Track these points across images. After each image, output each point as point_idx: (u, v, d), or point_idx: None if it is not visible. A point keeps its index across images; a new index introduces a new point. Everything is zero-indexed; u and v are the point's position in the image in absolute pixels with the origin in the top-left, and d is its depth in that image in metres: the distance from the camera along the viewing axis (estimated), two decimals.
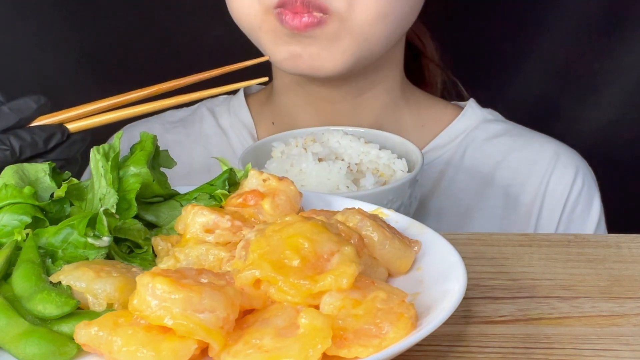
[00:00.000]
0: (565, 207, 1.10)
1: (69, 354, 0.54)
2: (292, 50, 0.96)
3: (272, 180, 0.70)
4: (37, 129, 0.81)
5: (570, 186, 1.10)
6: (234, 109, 1.15)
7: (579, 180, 1.10)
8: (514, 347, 0.59)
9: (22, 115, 0.81)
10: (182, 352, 0.51)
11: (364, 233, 0.63)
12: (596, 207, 1.11)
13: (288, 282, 0.54)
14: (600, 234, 1.11)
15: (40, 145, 0.80)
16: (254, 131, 1.13)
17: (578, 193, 1.10)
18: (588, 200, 1.11)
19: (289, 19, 0.93)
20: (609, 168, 1.26)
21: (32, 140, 0.80)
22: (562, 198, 1.09)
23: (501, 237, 0.77)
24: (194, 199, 0.72)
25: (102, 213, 0.63)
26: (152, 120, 1.16)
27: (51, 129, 0.81)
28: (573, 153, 1.11)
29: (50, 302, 0.56)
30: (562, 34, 1.27)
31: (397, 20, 0.99)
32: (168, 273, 0.53)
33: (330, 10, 0.93)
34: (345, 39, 0.96)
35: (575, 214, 1.10)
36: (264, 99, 1.15)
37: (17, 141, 0.79)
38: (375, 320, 0.53)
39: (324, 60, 0.96)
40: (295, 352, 0.50)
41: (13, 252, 0.62)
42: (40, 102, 0.81)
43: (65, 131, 0.82)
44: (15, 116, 0.80)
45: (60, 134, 0.81)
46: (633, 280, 0.69)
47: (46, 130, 0.81)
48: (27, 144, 0.79)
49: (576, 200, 1.10)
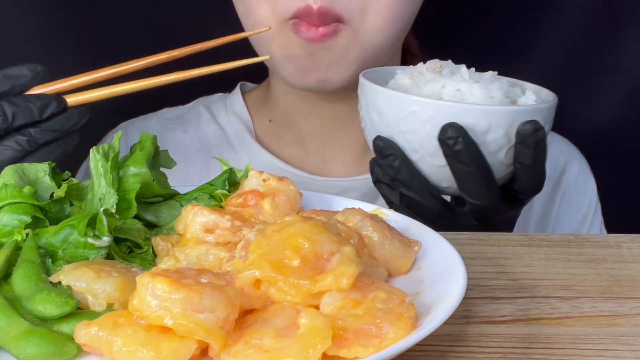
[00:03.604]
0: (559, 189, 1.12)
1: (69, 354, 0.54)
2: (301, 65, 0.97)
3: (272, 180, 0.70)
4: (32, 97, 0.79)
5: (562, 168, 1.12)
6: (231, 106, 1.15)
7: (575, 165, 1.12)
8: (514, 347, 0.59)
9: (15, 82, 0.79)
10: (182, 352, 0.51)
11: (364, 233, 0.63)
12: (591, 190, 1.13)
13: (288, 282, 0.54)
14: (600, 234, 1.12)
15: (35, 112, 0.79)
16: (252, 127, 1.13)
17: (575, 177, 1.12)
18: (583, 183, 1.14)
19: (305, 29, 0.94)
20: (609, 168, 1.26)
21: (26, 107, 0.78)
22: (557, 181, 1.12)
23: (501, 237, 0.77)
24: (194, 199, 0.72)
25: (102, 213, 0.63)
26: (149, 118, 1.17)
27: (47, 97, 0.79)
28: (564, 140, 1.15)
29: (50, 302, 0.56)
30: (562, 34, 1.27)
31: (403, 23, 1.00)
32: (168, 273, 0.53)
33: (345, 19, 0.94)
34: (355, 50, 0.97)
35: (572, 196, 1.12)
36: (260, 96, 1.16)
37: (10, 107, 0.78)
38: (375, 320, 0.53)
39: (333, 73, 0.97)
40: (295, 352, 0.50)
41: (13, 252, 0.62)
42: (35, 70, 0.80)
43: (62, 102, 0.80)
44: (7, 83, 0.79)
45: (56, 103, 0.80)
46: (633, 280, 0.69)
47: (42, 99, 0.79)
48: (21, 110, 0.78)
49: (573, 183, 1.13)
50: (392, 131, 0.82)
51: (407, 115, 0.80)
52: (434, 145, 0.80)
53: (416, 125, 0.80)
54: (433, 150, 0.80)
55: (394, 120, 0.81)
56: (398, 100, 0.80)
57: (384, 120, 0.82)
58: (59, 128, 0.81)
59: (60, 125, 0.81)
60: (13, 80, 0.79)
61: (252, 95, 1.17)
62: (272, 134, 1.13)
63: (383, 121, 0.82)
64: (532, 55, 1.27)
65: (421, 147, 0.81)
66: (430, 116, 0.79)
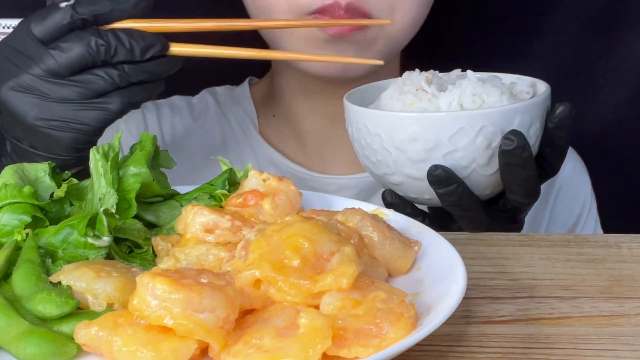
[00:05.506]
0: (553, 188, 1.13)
1: (69, 354, 0.54)
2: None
3: (272, 180, 0.70)
4: (138, 35, 0.77)
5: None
6: (237, 98, 1.17)
7: (569, 164, 1.14)
8: (514, 347, 0.59)
9: (117, 6, 0.77)
10: (182, 352, 0.51)
11: (364, 233, 0.63)
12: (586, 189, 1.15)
13: (288, 282, 0.54)
14: (600, 234, 1.12)
15: (136, 53, 0.77)
16: (256, 121, 1.15)
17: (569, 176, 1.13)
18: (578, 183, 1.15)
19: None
20: (608, 167, 1.26)
21: (130, 46, 0.77)
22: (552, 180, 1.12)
23: (501, 237, 0.77)
24: (194, 199, 0.72)
25: (102, 213, 0.63)
26: (160, 104, 1.17)
27: (152, 39, 0.78)
28: None
29: (50, 302, 0.56)
30: (562, 34, 1.27)
31: (422, 20, 1.01)
32: (168, 273, 0.53)
33: (373, 15, 0.94)
34: (379, 44, 0.97)
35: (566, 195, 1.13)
36: (265, 90, 1.17)
37: (115, 40, 0.77)
38: (375, 320, 0.53)
39: (355, 64, 0.97)
40: (295, 352, 0.50)
41: (13, 252, 0.62)
42: None
43: (165, 46, 0.79)
44: (108, 4, 0.77)
45: (160, 46, 0.78)
46: (633, 280, 0.69)
47: (147, 40, 0.78)
48: (124, 46, 0.77)
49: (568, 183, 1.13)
50: (436, 155, 0.78)
51: (455, 133, 0.76)
52: (487, 155, 0.78)
53: (465, 141, 0.77)
54: (485, 161, 0.78)
55: (436, 142, 0.77)
56: (440, 122, 0.76)
57: (423, 146, 0.77)
58: (153, 71, 0.79)
59: (154, 68, 0.79)
60: (114, 2, 0.77)
61: (257, 89, 1.18)
62: (275, 128, 1.14)
63: (421, 148, 0.77)
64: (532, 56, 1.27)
65: (472, 161, 0.78)
66: (482, 126, 0.76)
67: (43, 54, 0.77)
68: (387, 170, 0.81)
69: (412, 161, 0.79)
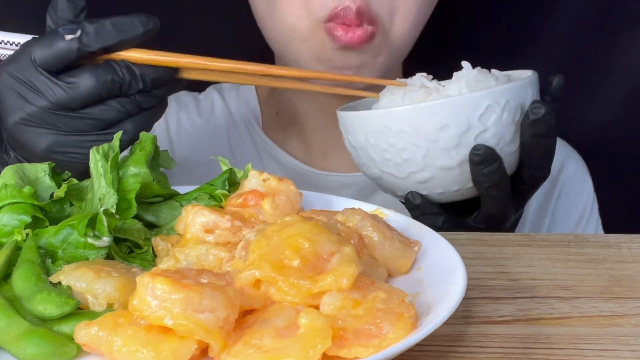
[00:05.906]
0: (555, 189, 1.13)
1: (69, 354, 0.54)
2: (333, 66, 0.97)
3: (272, 180, 0.70)
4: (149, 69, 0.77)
5: (558, 168, 1.13)
6: (242, 94, 1.18)
7: (571, 165, 1.13)
8: (514, 347, 0.59)
9: (125, 36, 0.76)
10: (182, 352, 0.51)
11: (364, 233, 0.63)
12: (588, 190, 1.15)
13: (288, 282, 0.54)
14: (600, 234, 1.12)
15: (148, 85, 0.77)
16: (260, 118, 1.16)
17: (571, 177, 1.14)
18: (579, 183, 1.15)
19: (342, 35, 0.93)
20: (608, 168, 1.26)
21: (143, 80, 0.77)
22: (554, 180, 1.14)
23: (501, 237, 0.77)
24: (194, 199, 0.72)
25: (102, 213, 0.63)
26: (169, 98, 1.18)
27: (164, 73, 0.78)
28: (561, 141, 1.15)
29: (50, 302, 0.56)
30: (562, 34, 1.27)
31: (422, 26, 1.02)
32: (168, 273, 0.53)
33: (377, 20, 0.94)
34: (383, 54, 0.98)
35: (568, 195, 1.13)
36: (270, 87, 1.17)
37: (129, 75, 0.76)
38: (375, 320, 0.53)
39: (363, 74, 0.97)
40: (295, 352, 0.50)
41: (13, 252, 0.62)
42: (148, 26, 0.77)
43: (173, 75, 0.79)
44: (116, 36, 0.76)
45: (170, 77, 0.78)
46: (633, 280, 0.69)
47: (157, 72, 0.77)
48: (137, 81, 0.76)
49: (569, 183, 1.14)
50: (468, 139, 0.78)
51: (484, 112, 0.77)
52: (511, 131, 0.80)
53: (494, 118, 0.78)
54: (510, 137, 0.80)
55: (468, 125, 0.77)
56: (471, 102, 0.77)
57: (455, 131, 0.77)
58: (163, 95, 0.80)
59: (164, 93, 0.80)
60: (122, 34, 0.76)
61: (262, 87, 1.19)
62: (277, 125, 1.15)
63: (454, 133, 0.78)
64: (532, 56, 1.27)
65: (500, 139, 0.79)
66: (506, 101, 0.78)
67: (52, 87, 0.76)
68: (414, 167, 0.81)
69: (445, 149, 0.79)
